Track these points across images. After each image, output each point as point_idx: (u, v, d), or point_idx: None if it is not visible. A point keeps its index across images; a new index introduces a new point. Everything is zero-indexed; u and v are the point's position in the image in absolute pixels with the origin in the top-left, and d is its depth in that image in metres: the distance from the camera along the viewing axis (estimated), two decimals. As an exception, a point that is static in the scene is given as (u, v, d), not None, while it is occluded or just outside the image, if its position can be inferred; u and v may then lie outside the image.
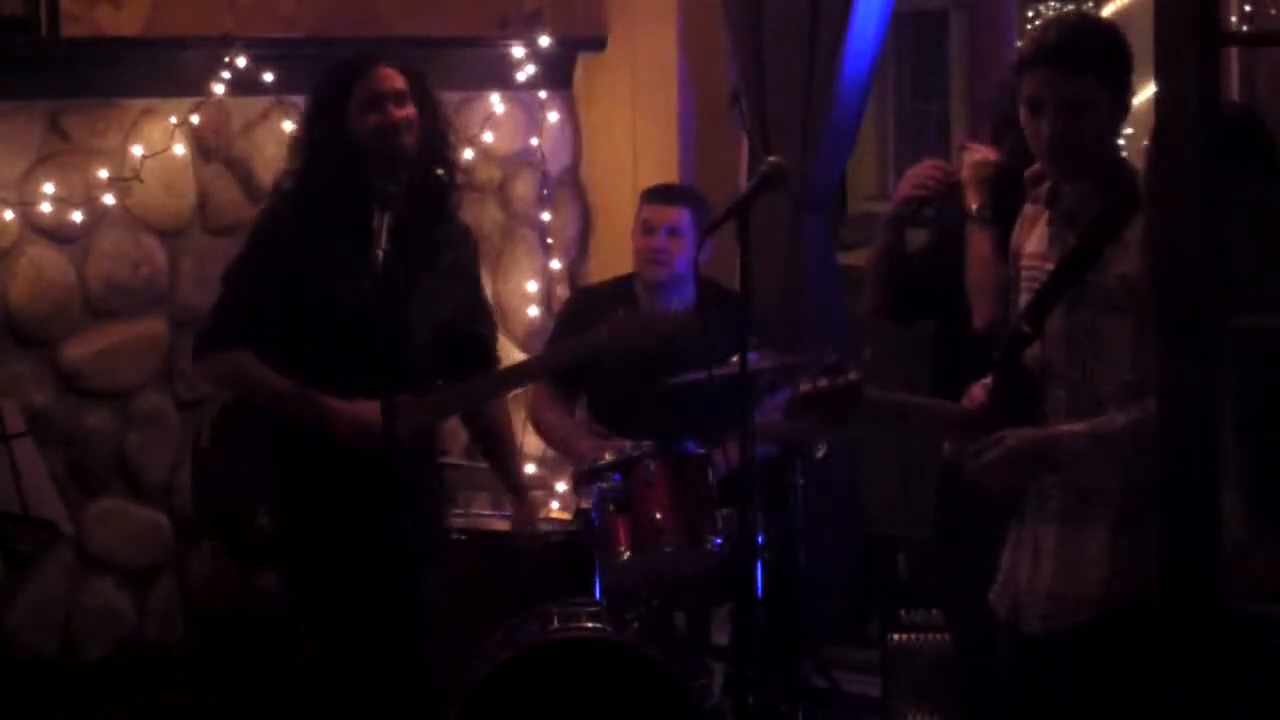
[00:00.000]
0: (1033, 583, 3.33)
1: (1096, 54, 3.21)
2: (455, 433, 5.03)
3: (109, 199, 5.02)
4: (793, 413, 3.42)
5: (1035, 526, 3.33)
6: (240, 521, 4.08)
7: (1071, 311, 3.27)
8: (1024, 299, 3.40)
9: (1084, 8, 6.59)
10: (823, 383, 3.31)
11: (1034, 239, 3.39)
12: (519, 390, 5.09)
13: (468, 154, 5.74)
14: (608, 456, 4.81)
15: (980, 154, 4.21)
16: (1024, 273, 3.41)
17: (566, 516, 5.16)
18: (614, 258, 5.77)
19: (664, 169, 5.79)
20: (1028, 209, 3.47)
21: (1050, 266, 3.32)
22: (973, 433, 3.31)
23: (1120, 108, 3.26)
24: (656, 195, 5.30)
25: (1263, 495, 2.92)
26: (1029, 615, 3.33)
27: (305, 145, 4.10)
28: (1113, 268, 3.20)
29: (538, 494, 5.71)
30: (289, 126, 5.32)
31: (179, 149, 5.13)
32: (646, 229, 5.22)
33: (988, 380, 3.38)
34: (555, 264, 5.95)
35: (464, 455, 5.24)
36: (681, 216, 5.19)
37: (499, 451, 4.45)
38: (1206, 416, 2.05)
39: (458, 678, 4.41)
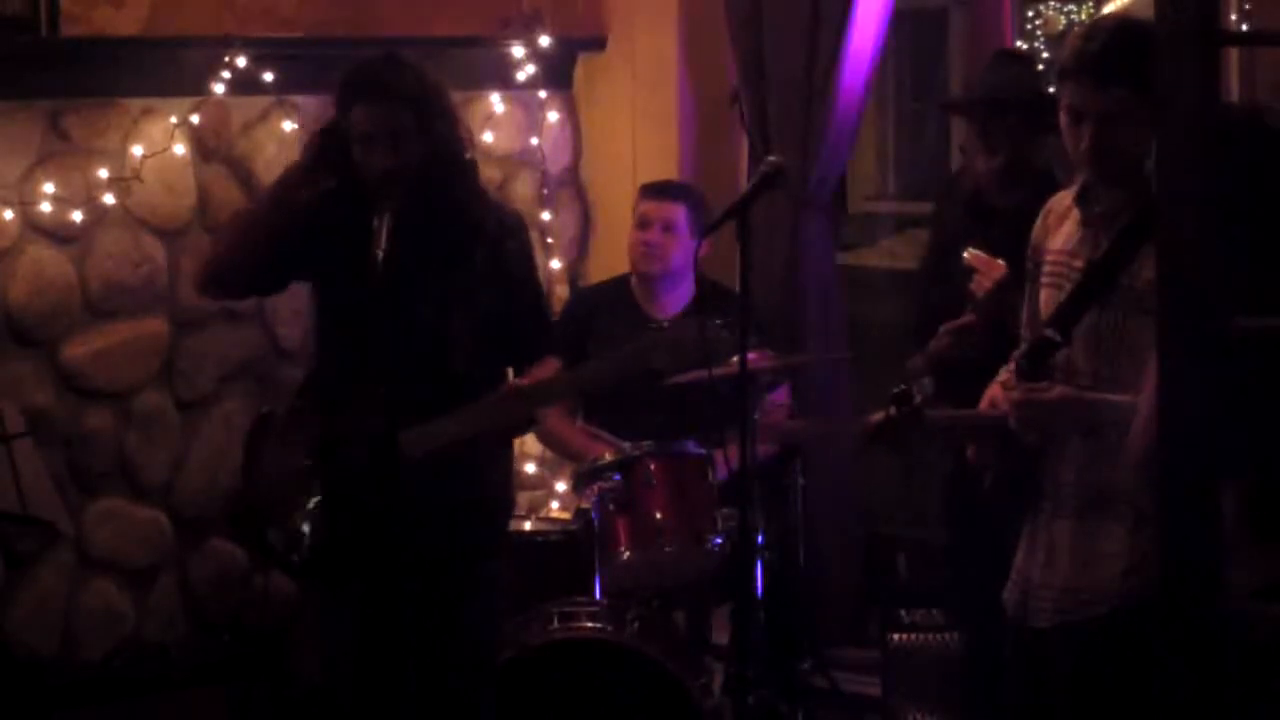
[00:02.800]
0: (1046, 578, 3.33)
1: (1133, 65, 3.20)
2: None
3: (109, 199, 5.02)
4: (863, 441, 3.46)
5: (1051, 524, 3.34)
6: (280, 523, 4.00)
7: (1100, 311, 3.27)
8: (1045, 294, 3.39)
9: (1087, 9, 6.60)
10: (891, 411, 3.33)
11: (1061, 236, 3.39)
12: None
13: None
14: (608, 456, 4.82)
15: (990, 275, 4.10)
16: (1047, 268, 3.41)
17: (566, 516, 5.16)
18: (614, 258, 5.76)
19: (664, 169, 5.79)
20: (1053, 204, 3.47)
21: (1078, 264, 3.31)
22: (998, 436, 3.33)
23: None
24: (653, 191, 5.30)
25: (1260, 497, 2.91)
26: (1040, 609, 3.33)
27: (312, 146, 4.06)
28: (1144, 271, 3.18)
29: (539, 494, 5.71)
30: (289, 126, 5.33)
31: (179, 149, 5.13)
32: (642, 223, 5.22)
33: (1004, 379, 3.38)
34: (555, 264, 5.94)
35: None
36: (677, 212, 5.19)
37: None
38: (1207, 416, 2.05)
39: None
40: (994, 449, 3.40)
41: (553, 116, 5.97)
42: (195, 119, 5.16)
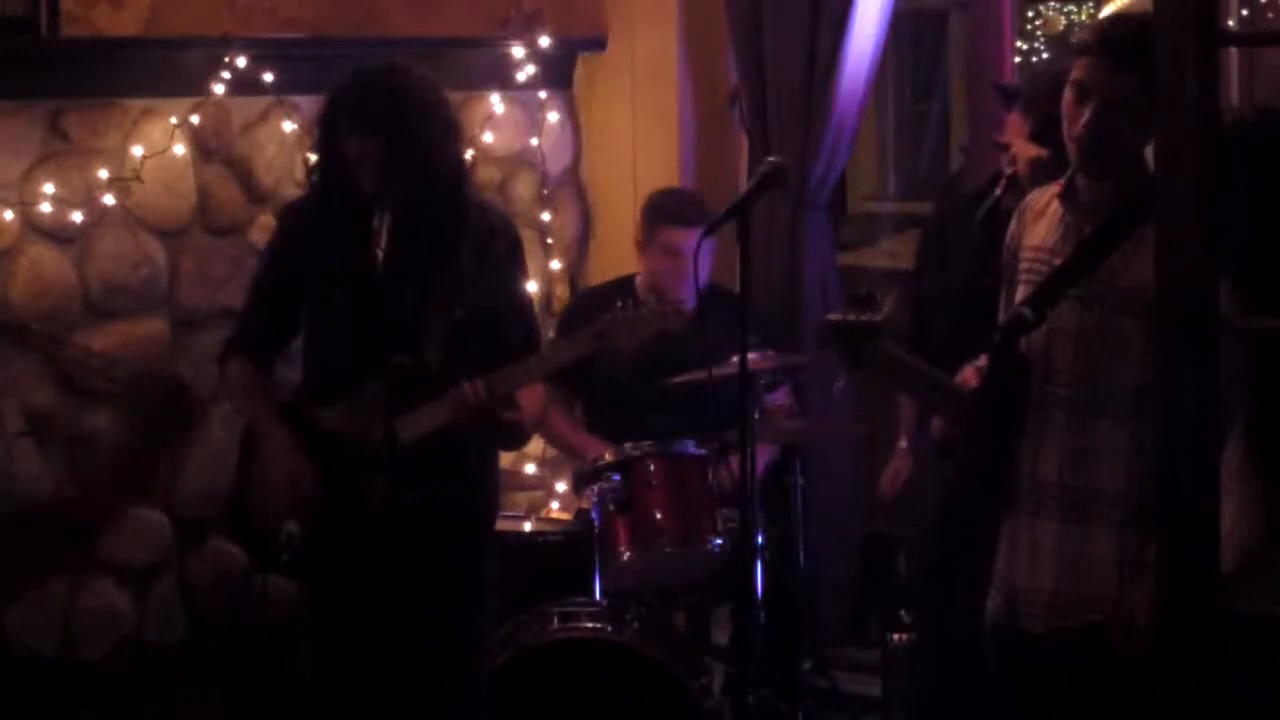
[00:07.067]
0: (1033, 581, 3.31)
1: (1149, 58, 3.20)
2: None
3: (109, 199, 5.02)
4: (819, 341, 3.41)
5: (1033, 524, 3.31)
6: (269, 524, 4.02)
7: (1085, 310, 3.25)
8: (1022, 291, 3.37)
9: (1087, 9, 6.60)
10: (850, 315, 3.28)
11: (1039, 233, 3.37)
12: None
13: (467, 155, 5.75)
14: (608, 456, 4.82)
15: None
16: (1025, 265, 3.39)
17: (566, 516, 5.16)
18: (614, 258, 5.76)
19: (664, 169, 5.79)
20: (1029, 202, 3.46)
21: (1059, 262, 3.30)
22: (963, 416, 3.32)
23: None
24: (678, 217, 5.08)
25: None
26: (1031, 614, 3.31)
27: (315, 151, 4.07)
28: (1132, 269, 3.17)
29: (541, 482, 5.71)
30: (289, 126, 5.33)
31: (179, 149, 5.13)
32: (671, 253, 5.07)
33: (981, 363, 3.37)
34: (555, 264, 5.94)
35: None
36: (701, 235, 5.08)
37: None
38: (1207, 419, 2.05)
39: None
40: (957, 427, 3.37)
41: (553, 116, 5.96)
42: (195, 119, 5.16)
